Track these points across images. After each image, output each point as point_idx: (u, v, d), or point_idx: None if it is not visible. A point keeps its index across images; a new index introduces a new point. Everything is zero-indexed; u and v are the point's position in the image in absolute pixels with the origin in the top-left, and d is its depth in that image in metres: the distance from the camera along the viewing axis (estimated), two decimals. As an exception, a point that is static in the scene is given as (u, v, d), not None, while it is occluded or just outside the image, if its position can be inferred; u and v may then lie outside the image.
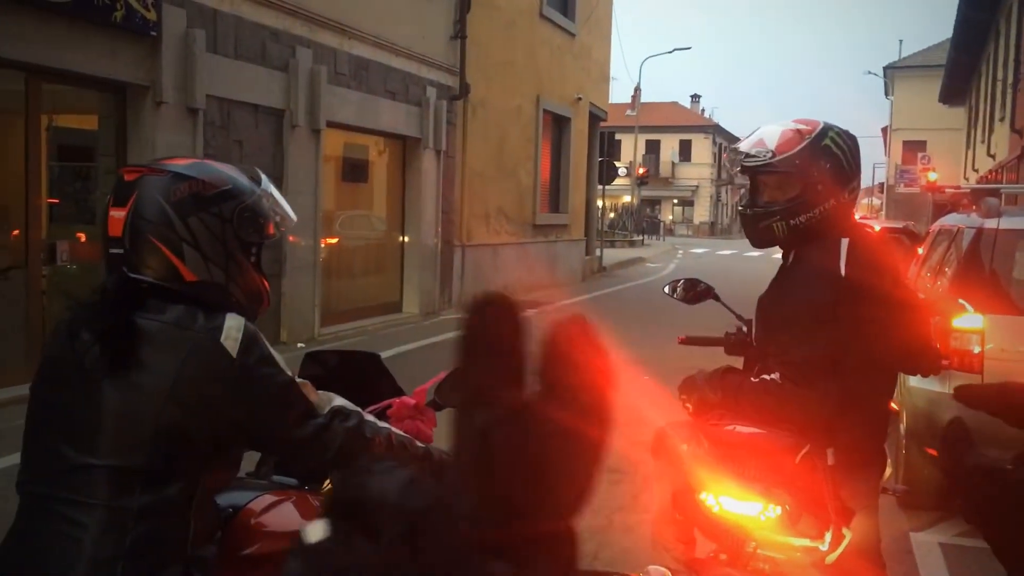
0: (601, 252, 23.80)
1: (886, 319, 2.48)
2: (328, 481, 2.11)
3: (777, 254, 2.83)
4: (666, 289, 3.33)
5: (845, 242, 2.49)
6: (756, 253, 38.21)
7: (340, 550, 0.89)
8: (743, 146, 2.69)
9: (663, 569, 2.18)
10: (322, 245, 11.16)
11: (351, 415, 1.82)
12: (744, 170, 2.71)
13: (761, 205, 2.65)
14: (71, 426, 1.67)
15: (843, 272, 2.45)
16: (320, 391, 1.81)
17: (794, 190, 2.56)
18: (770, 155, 2.57)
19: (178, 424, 1.64)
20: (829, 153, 2.55)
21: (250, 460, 2.19)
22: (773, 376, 2.57)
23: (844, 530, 2.33)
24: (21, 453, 1.76)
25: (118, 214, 1.74)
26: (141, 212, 1.73)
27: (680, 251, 36.20)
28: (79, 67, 7.69)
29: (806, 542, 2.33)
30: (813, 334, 2.45)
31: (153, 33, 8.13)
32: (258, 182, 1.86)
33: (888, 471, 3.07)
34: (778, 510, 2.27)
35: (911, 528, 5.10)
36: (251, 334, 1.72)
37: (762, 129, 2.67)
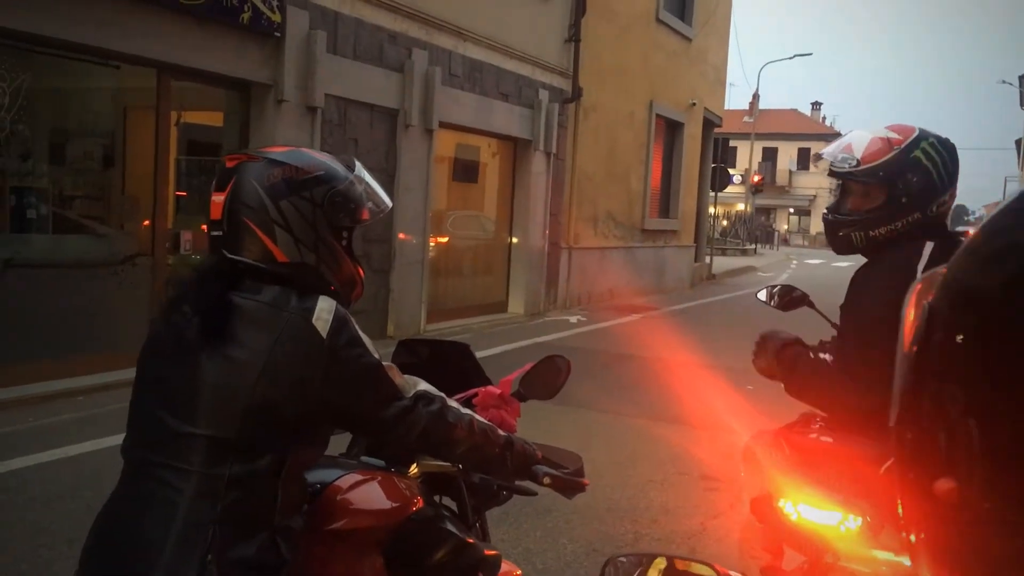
0: (711, 259, 23.43)
1: None
2: (414, 465, 2.19)
3: None
4: (761, 295, 3.28)
5: (929, 245, 2.39)
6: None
7: None
8: (828, 152, 2.63)
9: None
10: (431, 243, 11.37)
11: (435, 400, 1.87)
12: (831, 175, 2.64)
13: (843, 213, 2.58)
14: (172, 397, 1.76)
15: (919, 275, 2.33)
16: (406, 375, 1.87)
17: (878, 200, 2.48)
18: (855, 163, 2.49)
19: (268, 400, 1.71)
20: (918, 165, 2.44)
21: (342, 443, 2.28)
22: (827, 357, 2.51)
23: None
24: (128, 421, 1.87)
25: (218, 198, 1.83)
26: (238, 196, 1.81)
27: (794, 261, 35.28)
28: (207, 66, 8.07)
29: (890, 556, 2.23)
30: (874, 328, 2.30)
31: (277, 34, 8.46)
32: (352, 168, 1.92)
33: None
34: (859, 521, 2.21)
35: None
36: (341, 316, 1.78)
37: (852, 134, 2.60)
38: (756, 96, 41.88)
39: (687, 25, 18.40)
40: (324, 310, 1.77)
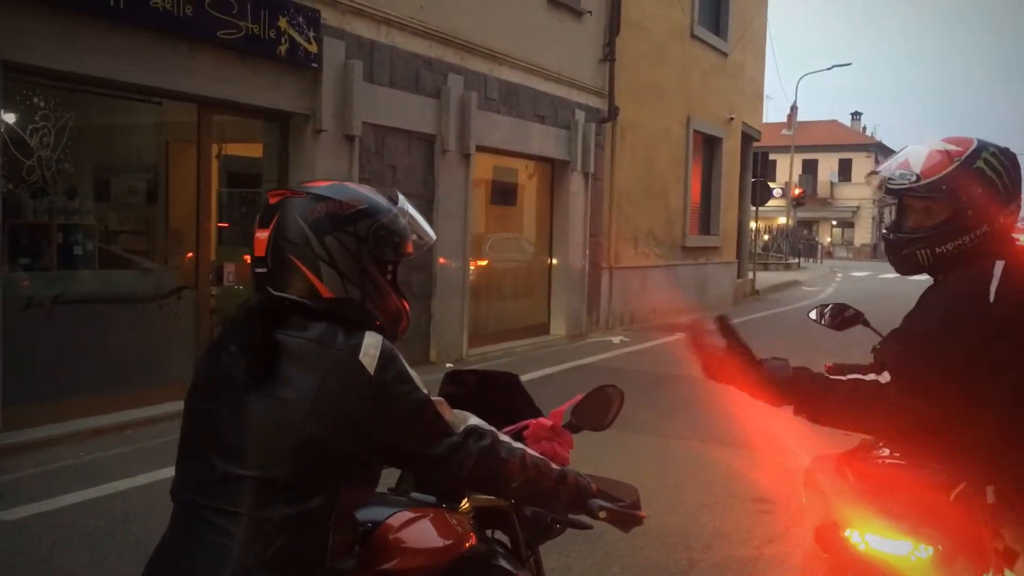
0: (754, 275, 23.17)
1: None
2: (465, 500, 2.13)
3: None
4: (812, 315, 3.16)
5: (1000, 264, 2.28)
6: (922, 277, 36.06)
7: None
8: (885, 168, 2.52)
9: None
10: (471, 267, 11.36)
11: (486, 434, 1.83)
12: (889, 192, 2.52)
13: (905, 231, 2.47)
14: (220, 438, 1.74)
15: (992, 297, 2.23)
16: (456, 410, 1.83)
17: (941, 216, 2.37)
18: (915, 178, 2.39)
19: (318, 438, 1.68)
20: (982, 176, 2.34)
21: (391, 476, 2.23)
22: (876, 377, 2.29)
23: (1007, 572, 2.14)
24: (176, 462, 1.85)
25: (262, 235, 1.82)
26: (282, 232, 1.80)
27: (839, 274, 34.79)
28: (246, 99, 8.16)
29: None
30: (941, 350, 2.22)
31: (314, 65, 8.54)
32: (395, 201, 1.90)
33: None
34: (929, 550, 2.11)
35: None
36: (388, 351, 1.75)
37: (908, 149, 2.49)
38: (794, 108, 41.50)
39: (722, 40, 18.30)
40: (371, 346, 1.74)
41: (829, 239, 59.73)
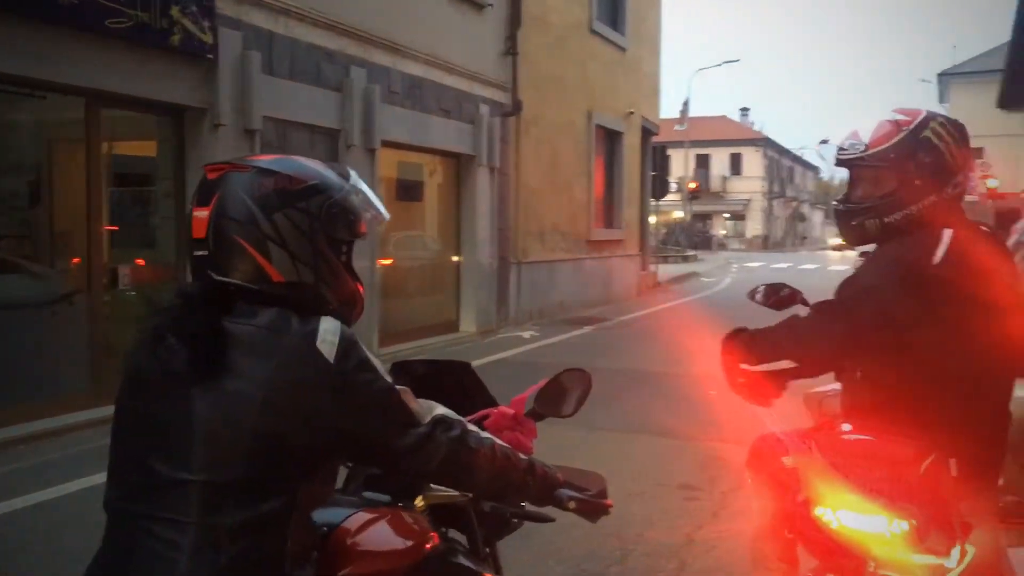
0: (656, 267, 23.53)
1: (988, 321, 2.27)
2: (420, 497, 1.97)
3: (837, 266, 2.63)
4: (757, 297, 3.12)
5: (948, 232, 2.30)
6: (812, 266, 37.68)
7: None
8: (846, 140, 2.53)
9: None
10: (378, 265, 11.13)
11: (454, 424, 1.69)
12: (839, 163, 2.53)
13: (854, 201, 2.49)
14: (161, 439, 1.55)
15: (936, 260, 2.25)
16: (421, 400, 1.68)
17: (889, 186, 2.39)
18: (863, 148, 2.42)
19: (274, 434, 1.52)
20: (929, 146, 2.36)
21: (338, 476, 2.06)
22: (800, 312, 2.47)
23: (967, 546, 2.13)
24: (108, 470, 1.65)
25: (201, 214, 1.63)
26: (224, 210, 1.62)
27: (734, 265, 35.74)
28: (138, 91, 7.74)
29: (932, 559, 2.12)
30: (862, 296, 2.30)
31: (210, 56, 8.16)
32: (347, 178, 1.75)
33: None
34: (904, 525, 2.06)
35: (1009, 544, 4.81)
36: (348, 337, 1.60)
37: (860, 127, 2.52)
38: (686, 104, 42.39)
39: (620, 35, 18.49)
40: (329, 332, 1.58)
41: (723, 231, 61.40)
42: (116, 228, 8.51)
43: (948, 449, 2.21)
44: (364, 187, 1.77)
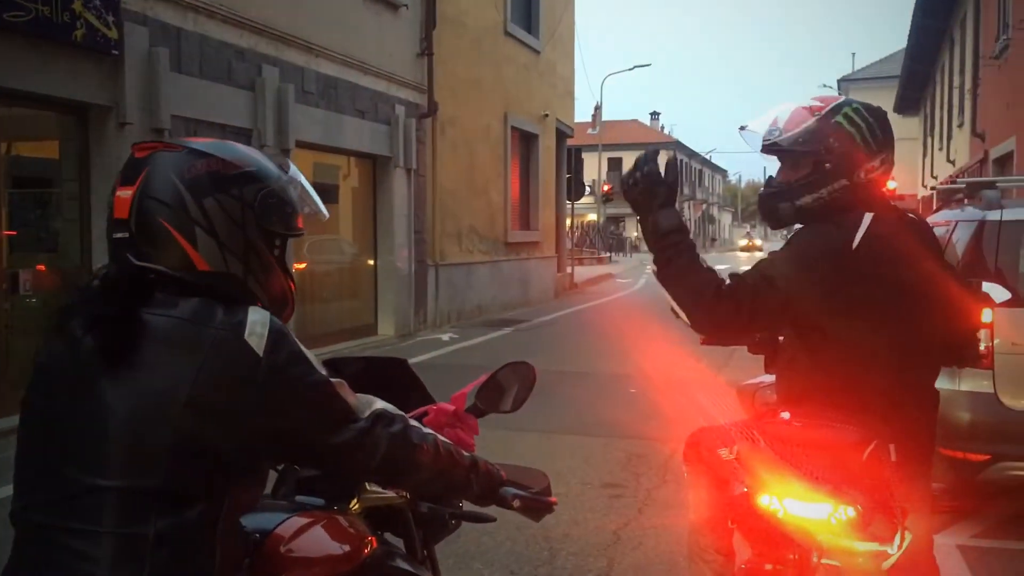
0: (572, 269, 23.70)
1: (910, 306, 2.33)
2: (356, 500, 1.90)
3: (747, 266, 2.66)
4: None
5: (868, 216, 2.33)
6: (722, 266, 38.22)
7: None
8: (755, 125, 2.57)
9: None
10: (295, 269, 10.89)
11: (395, 419, 1.61)
12: (762, 150, 2.57)
13: (774, 185, 2.54)
14: (72, 443, 1.43)
15: (855, 244, 2.29)
16: (360, 394, 1.60)
17: (805, 169, 2.43)
18: (778, 133, 2.45)
19: (199, 435, 1.42)
20: (839, 130, 2.38)
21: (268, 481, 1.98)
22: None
23: (906, 532, 2.14)
24: (14, 478, 1.52)
25: (125, 193, 1.52)
26: (150, 191, 1.51)
27: (648, 267, 36.14)
28: (39, 88, 7.40)
29: (875, 546, 2.12)
30: (771, 274, 2.32)
31: (115, 52, 7.86)
32: (286, 170, 1.67)
33: None
34: (850, 511, 2.06)
35: (933, 531, 4.98)
36: (278, 329, 1.50)
37: (779, 107, 2.54)
38: (599, 107, 42.87)
39: (535, 38, 18.57)
40: (258, 323, 1.48)
41: (636, 233, 62.19)
42: (15, 232, 8.11)
43: (887, 435, 2.23)
44: (304, 181, 1.70)
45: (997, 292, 3.48)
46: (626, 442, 6.87)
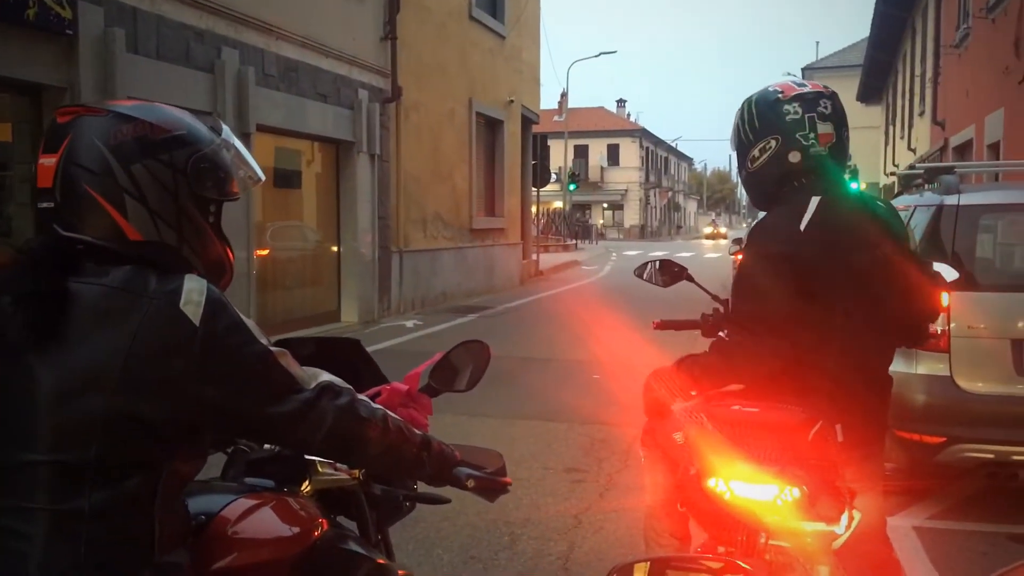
0: (538, 256, 23.70)
1: (859, 286, 2.37)
2: (308, 482, 1.86)
3: (711, 253, 2.77)
4: (643, 274, 3.15)
5: (815, 200, 2.39)
6: (688, 254, 38.75)
7: None
8: None
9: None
10: (256, 256, 10.78)
11: (342, 392, 1.56)
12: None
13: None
14: (2, 419, 1.39)
15: (802, 227, 2.35)
16: (306, 367, 1.56)
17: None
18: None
19: (134, 407, 1.38)
20: (734, 126, 2.58)
21: (216, 464, 1.93)
22: (722, 334, 2.57)
23: (854, 512, 2.14)
24: None
25: (48, 161, 1.46)
26: (75, 158, 1.45)
27: (614, 254, 36.37)
28: (-10, 68, 7.22)
29: (821, 526, 2.11)
30: (760, 289, 2.41)
31: (69, 32, 7.70)
32: (219, 132, 1.61)
33: None
34: (796, 492, 2.05)
35: (887, 512, 5.04)
36: (216, 297, 1.46)
37: None
38: (565, 95, 42.85)
39: (499, 22, 18.48)
40: (194, 291, 1.43)
41: (601, 221, 62.43)
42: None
43: (833, 416, 2.24)
44: (237, 143, 1.64)
45: (947, 272, 3.54)
46: (588, 427, 6.88)
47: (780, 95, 2.49)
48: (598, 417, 7.20)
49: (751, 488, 2.08)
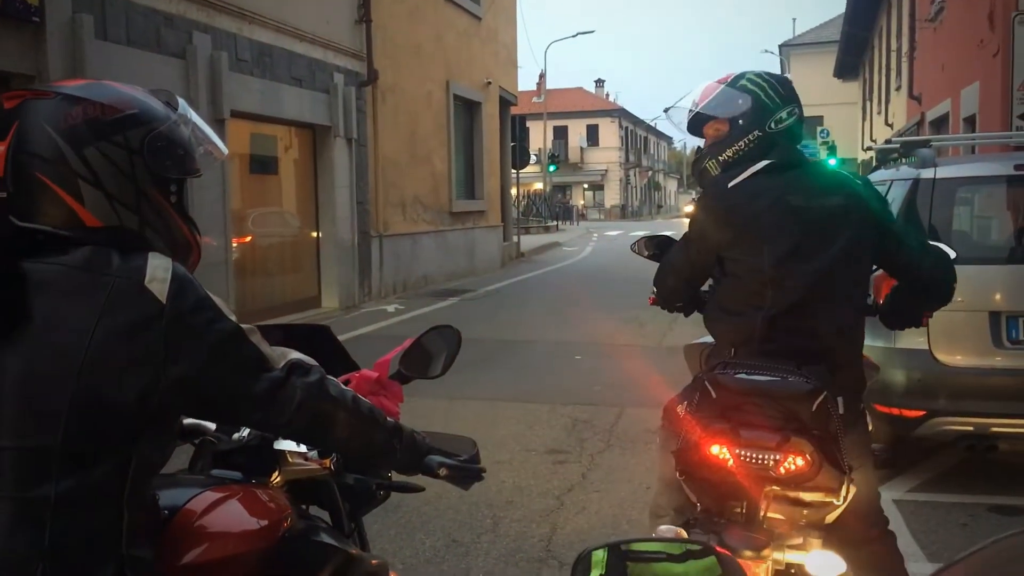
0: (519, 238, 23.66)
1: (794, 244, 2.50)
2: (278, 472, 1.83)
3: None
4: (633, 247, 3.29)
5: (762, 163, 2.58)
6: (669, 232, 38.54)
7: None
8: (684, 103, 2.87)
9: (675, 528, 2.08)
10: (234, 244, 10.69)
11: (312, 370, 1.53)
12: (687, 127, 2.89)
13: (702, 152, 2.83)
14: None
15: (730, 185, 2.58)
16: (274, 346, 1.52)
17: (722, 130, 2.71)
18: (695, 106, 2.78)
19: (100, 390, 1.34)
20: (745, 91, 2.67)
21: (183, 457, 1.89)
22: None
23: (851, 485, 2.17)
24: None
25: None
26: (24, 145, 1.40)
27: (595, 234, 36.36)
28: (-46, 57, 7.09)
29: (821, 496, 2.15)
30: (690, 239, 2.76)
31: (36, 19, 7.56)
32: (174, 107, 1.55)
33: None
34: (799, 461, 2.09)
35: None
36: (182, 275, 1.42)
37: (697, 87, 2.86)
38: (543, 75, 42.69)
39: (475, 3, 18.34)
40: (159, 268, 1.40)
41: (582, 201, 62.39)
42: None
43: (834, 389, 2.28)
44: (195, 117, 1.58)
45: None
46: (571, 408, 6.88)
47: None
48: (580, 397, 7.20)
49: (755, 454, 2.11)
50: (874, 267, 2.72)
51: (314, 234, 13.03)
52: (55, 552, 1.31)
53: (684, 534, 2.09)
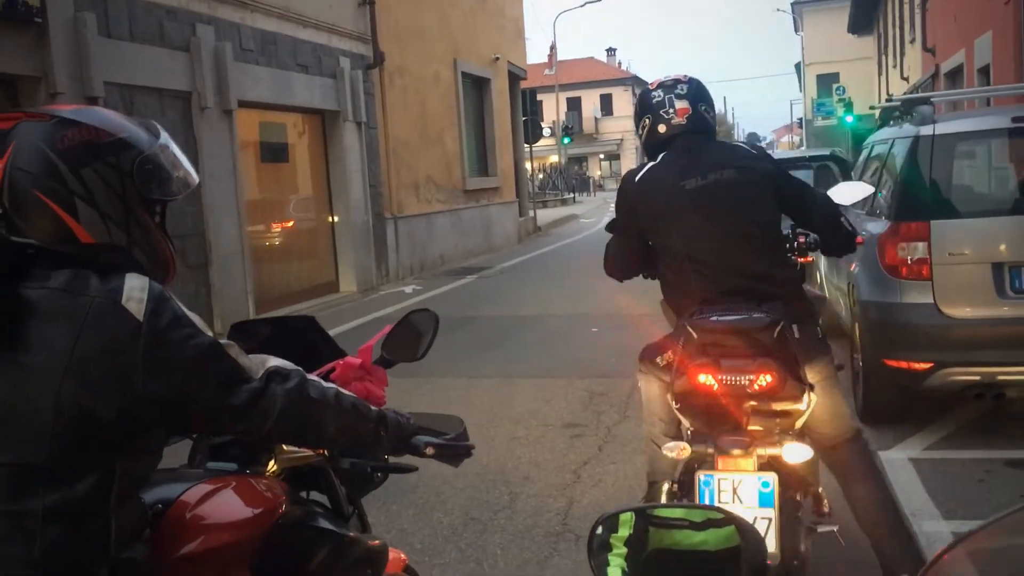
0: (535, 213, 23.63)
1: (691, 220, 2.96)
2: (272, 461, 1.88)
3: None
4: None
5: (661, 156, 3.06)
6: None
7: None
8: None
9: (681, 443, 2.62)
10: (248, 231, 10.76)
11: (291, 375, 1.58)
12: None
13: None
14: None
15: (635, 180, 3.09)
16: (253, 355, 1.58)
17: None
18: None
19: (80, 407, 1.39)
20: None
21: (182, 453, 1.94)
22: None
23: (811, 394, 2.68)
24: None
25: None
26: (21, 163, 1.47)
27: (611, 204, 36.13)
28: (-40, 62, 7.17)
29: (789, 404, 2.63)
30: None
31: (38, 20, 7.61)
32: (157, 135, 1.62)
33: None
34: (768, 378, 2.55)
35: (878, 447, 5.05)
36: (158, 293, 1.47)
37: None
38: (553, 47, 42.38)
39: (479, -21, 18.23)
40: (136, 288, 1.45)
41: (599, 172, 62.09)
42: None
43: (790, 319, 2.76)
44: (173, 145, 1.66)
45: (860, 189, 3.77)
46: (587, 381, 6.91)
47: (649, 86, 3.17)
48: (596, 370, 7.22)
49: (734, 377, 2.59)
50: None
51: (329, 219, 13.09)
52: (46, 562, 1.36)
53: (687, 447, 2.60)
